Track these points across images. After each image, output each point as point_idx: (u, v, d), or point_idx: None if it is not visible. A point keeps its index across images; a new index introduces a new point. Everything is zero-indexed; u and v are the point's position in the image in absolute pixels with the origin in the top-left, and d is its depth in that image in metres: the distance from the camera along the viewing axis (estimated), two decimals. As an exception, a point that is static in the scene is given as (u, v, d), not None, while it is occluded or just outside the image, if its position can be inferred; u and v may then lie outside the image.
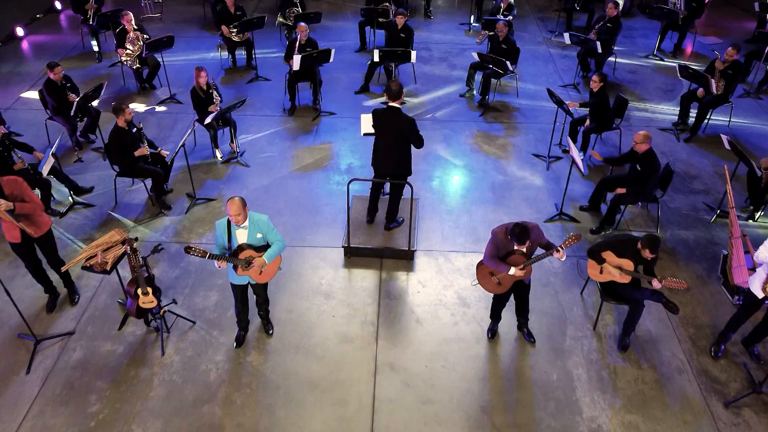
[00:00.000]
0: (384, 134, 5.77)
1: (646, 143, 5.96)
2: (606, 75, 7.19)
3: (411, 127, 5.66)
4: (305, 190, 7.13)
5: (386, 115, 5.67)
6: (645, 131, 6.01)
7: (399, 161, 5.81)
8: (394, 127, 5.66)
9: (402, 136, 5.70)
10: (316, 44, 8.51)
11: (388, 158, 5.82)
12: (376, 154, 5.90)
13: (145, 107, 8.72)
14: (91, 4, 9.64)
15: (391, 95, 5.57)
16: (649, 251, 4.75)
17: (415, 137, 5.71)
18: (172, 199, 6.97)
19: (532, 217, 6.72)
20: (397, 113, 5.61)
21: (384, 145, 5.79)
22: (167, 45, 8.42)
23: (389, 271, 6.04)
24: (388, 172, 5.91)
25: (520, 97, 9.00)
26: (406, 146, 5.77)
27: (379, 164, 5.92)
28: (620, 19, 9.04)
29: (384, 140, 5.79)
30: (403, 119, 5.64)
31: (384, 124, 5.73)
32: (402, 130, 5.66)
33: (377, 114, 5.75)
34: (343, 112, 8.59)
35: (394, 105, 5.60)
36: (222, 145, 7.74)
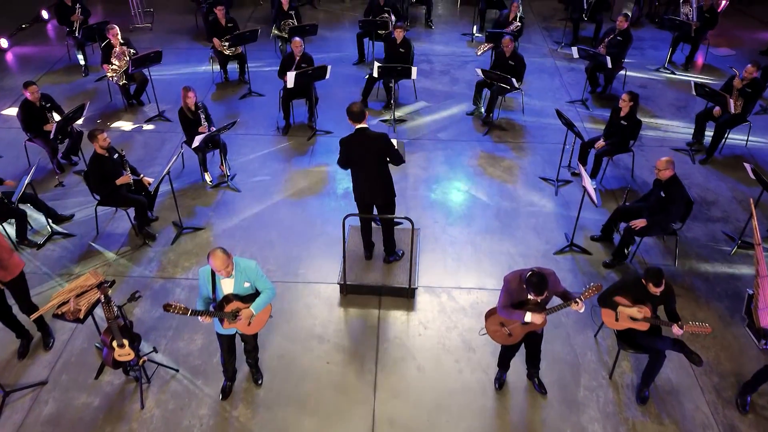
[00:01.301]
0: (361, 161, 5.35)
1: (670, 169, 5.56)
2: (637, 94, 6.79)
3: (386, 143, 5.26)
4: (299, 217, 6.71)
5: (357, 139, 5.26)
6: (667, 157, 5.60)
7: (384, 186, 5.43)
8: (369, 149, 5.26)
9: (380, 157, 5.30)
10: (311, 60, 8.08)
11: (371, 187, 5.43)
12: (357, 185, 5.50)
13: (132, 125, 8.30)
14: (77, 15, 9.22)
15: (354, 117, 5.19)
16: (653, 284, 4.37)
17: (393, 154, 5.29)
18: (157, 227, 6.56)
19: (540, 248, 6.31)
20: (366, 133, 5.24)
21: (364, 174, 5.40)
22: (155, 60, 8.00)
23: (388, 309, 5.63)
24: (374, 201, 5.53)
25: (526, 114, 8.58)
26: (385, 167, 5.38)
27: (363, 195, 5.53)
28: (631, 33, 8.61)
29: (362, 168, 5.38)
30: (376, 137, 5.26)
31: (358, 150, 5.30)
32: (378, 149, 5.26)
33: (347, 143, 5.33)
34: (339, 130, 8.16)
35: (361, 126, 5.20)
36: (212, 167, 7.32)
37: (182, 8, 11.64)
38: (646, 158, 7.66)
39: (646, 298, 4.54)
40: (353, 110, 5.17)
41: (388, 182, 5.44)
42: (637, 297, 4.57)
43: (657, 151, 7.83)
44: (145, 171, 7.31)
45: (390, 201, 5.52)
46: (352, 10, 11.93)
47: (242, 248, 6.27)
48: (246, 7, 11.94)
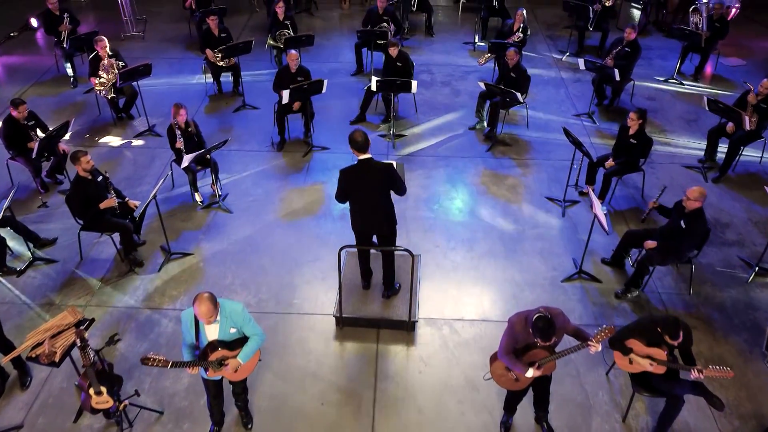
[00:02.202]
0: (362, 193, 4.96)
1: (700, 201, 5.23)
2: (645, 111, 6.46)
3: (391, 175, 4.87)
4: (294, 241, 6.39)
5: (360, 171, 4.86)
6: (700, 188, 5.25)
7: (386, 217, 5.06)
8: (372, 182, 4.88)
9: (383, 189, 4.94)
10: (308, 73, 7.76)
11: (372, 218, 5.05)
12: (356, 216, 5.11)
13: (121, 141, 7.98)
14: (65, 25, 8.90)
15: (358, 147, 4.77)
16: (670, 337, 4.07)
17: (398, 185, 4.91)
18: (144, 252, 6.24)
19: (547, 274, 5.99)
20: (370, 164, 4.83)
21: (364, 206, 5.02)
22: (144, 74, 7.68)
23: (387, 344, 5.30)
24: (376, 232, 5.17)
25: (530, 129, 8.25)
26: (388, 197, 5.02)
27: (363, 226, 5.15)
28: (639, 44, 8.28)
29: (363, 200, 5.00)
30: (381, 169, 4.85)
31: (359, 183, 4.90)
32: (382, 181, 4.89)
33: (348, 173, 4.91)
34: (336, 146, 7.85)
35: (365, 157, 4.82)
36: (203, 186, 7.00)
37: (176, 15, 11.32)
38: (657, 176, 7.34)
39: (661, 341, 4.23)
40: (357, 140, 4.76)
41: (391, 212, 5.08)
42: (652, 340, 4.25)
43: (668, 168, 7.51)
44: (133, 190, 7.04)
45: (392, 231, 5.17)
46: (350, 17, 11.60)
47: (233, 275, 5.96)
48: (242, 14, 11.62)
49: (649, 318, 4.44)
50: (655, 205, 5.62)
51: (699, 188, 5.27)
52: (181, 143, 6.56)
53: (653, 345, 4.26)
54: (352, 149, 4.83)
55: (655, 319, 4.28)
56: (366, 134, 4.83)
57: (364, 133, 4.82)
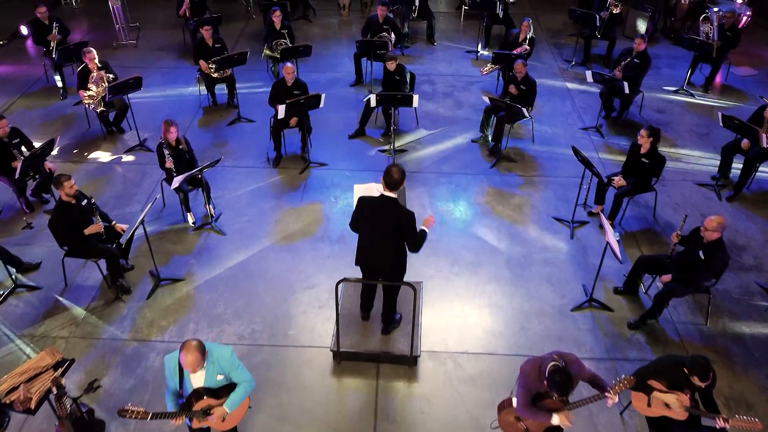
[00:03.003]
0: (374, 229, 4.63)
1: (719, 232, 4.92)
2: (658, 130, 6.16)
3: (409, 225, 4.52)
4: (289, 265, 6.09)
5: (379, 208, 4.52)
6: (720, 217, 4.94)
7: (394, 258, 4.71)
8: (388, 221, 4.53)
9: (398, 236, 4.59)
10: (304, 86, 7.46)
11: (380, 256, 4.70)
12: (364, 251, 4.76)
13: (111, 156, 7.68)
14: (53, 35, 8.59)
15: (391, 184, 4.40)
16: (699, 379, 3.79)
17: (412, 238, 4.55)
18: (133, 278, 5.94)
19: (556, 302, 5.69)
20: (393, 206, 4.48)
21: (374, 242, 4.68)
22: (134, 87, 7.37)
23: (388, 380, 5.00)
24: (380, 270, 4.82)
25: (536, 143, 7.95)
26: (401, 244, 4.66)
27: (369, 262, 4.79)
28: (649, 55, 7.98)
29: (374, 236, 4.66)
30: (401, 214, 4.51)
31: (375, 218, 4.57)
32: (398, 228, 4.54)
33: (366, 204, 4.60)
34: (335, 162, 7.55)
35: (390, 195, 4.48)
36: (196, 205, 6.70)
37: (170, 22, 11.01)
38: (669, 195, 7.05)
39: (685, 385, 3.94)
40: (394, 177, 4.37)
41: (401, 255, 4.73)
42: (675, 382, 3.97)
43: (680, 186, 7.20)
44: (122, 210, 6.75)
45: (399, 272, 4.82)
46: (349, 24, 11.29)
47: (225, 303, 5.66)
48: (238, 21, 11.30)
49: (672, 358, 4.14)
50: (678, 239, 5.31)
51: (718, 218, 4.97)
52: (171, 163, 6.26)
53: (675, 387, 3.97)
54: (383, 182, 4.45)
55: (680, 359, 3.99)
56: (404, 173, 4.46)
57: (403, 172, 4.44)
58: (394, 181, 4.40)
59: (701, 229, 5.07)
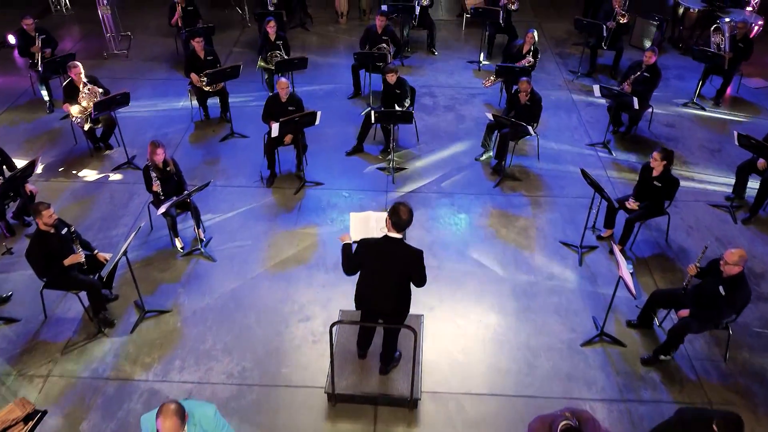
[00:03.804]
0: (378, 274, 4.30)
1: (740, 266, 4.61)
2: (671, 152, 5.85)
3: (418, 265, 4.20)
4: (283, 295, 5.77)
5: (384, 250, 4.17)
6: (741, 250, 4.64)
7: (399, 301, 4.40)
8: (395, 265, 4.21)
9: (404, 276, 4.28)
10: (299, 102, 7.14)
11: (383, 300, 4.38)
12: (365, 295, 4.44)
13: (98, 174, 7.35)
14: (37, 46, 8.24)
15: (399, 225, 4.05)
16: None
17: (420, 275, 4.27)
18: (117, 308, 5.62)
19: (564, 336, 5.37)
20: (399, 247, 4.15)
21: (378, 287, 4.35)
22: (122, 103, 7.04)
23: (386, 424, 4.68)
24: (382, 311, 4.49)
25: (542, 160, 7.62)
26: (407, 284, 4.36)
27: (369, 302, 4.47)
28: (659, 69, 7.66)
29: (377, 278, 4.33)
30: (408, 254, 4.17)
31: (380, 262, 4.23)
32: (405, 269, 4.23)
33: (368, 246, 4.25)
34: (331, 181, 7.23)
35: (396, 237, 4.13)
36: (185, 228, 6.39)
37: (163, 30, 10.66)
38: (681, 217, 6.72)
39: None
40: (402, 218, 4.00)
41: (405, 295, 4.41)
42: (697, 439, 3.65)
43: (692, 207, 6.88)
44: (108, 233, 6.44)
45: (403, 313, 4.50)
46: (347, 33, 10.96)
47: (214, 338, 5.33)
48: (232, 29, 10.97)
49: (694, 412, 3.83)
50: (696, 271, 4.98)
51: (739, 251, 4.65)
52: (158, 186, 5.94)
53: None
54: (389, 221, 4.08)
55: (704, 415, 3.67)
56: (411, 213, 4.10)
57: (411, 212, 4.09)
58: (403, 222, 4.05)
59: (721, 262, 4.76)
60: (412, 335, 4.83)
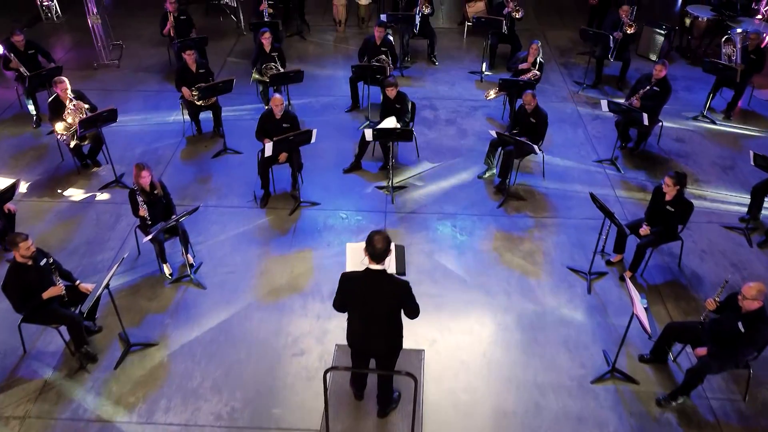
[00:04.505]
0: (364, 310, 4.00)
1: (760, 300, 4.33)
2: (684, 176, 5.55)
3: (406, 295, 3.89)
4: (275, 327, 5.46)
5: (368, 285, 3.86)
6: (760, 284, 4.37)
7: (390, 338, 4.10)
8: (379, 299, 3.91)
9: (392, 310, 3.98)
10: (294, 119, 6.85)
11: (373, 338, 4.09)
12: (354, 332, 4.14)
13: (84, 194, 7.05)
14: (15, 62, 7.88)
15: (376, 255, 3.73)
16: None
17: (411, 308, 3.96)
18: (101, 341, 5.31)
19: (574, 373, 5.07)
20: (382, 280, 3.83)
21: (366, 324, 4.05)
22: (108, 120, 6.74)
23: (384, 472, 4.39)
24: (374, 350, 4.21)
25: (547, 178, 7.32)
26: (396, 318, 4.06)
27: (360, 344, 4.18)
28: (670, 83, 7.36)
29: (365, 317, 4.03)
30: (394, 287, 3.87)
31: (363, 297, 3.93)
32: (392, 301, 3.92)
33: (351, 282, 3.94)
34: (328, 201, 6.93)
35: (377, 269, 3.82)
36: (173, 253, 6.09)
37: (156, 39, 10.34)
38: (694, 240, 6.42)
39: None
40: (377, 247, 3.68)
41: (397, 335, 4.12)
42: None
43: (705, 229, 6.58)
44: (93, 258, 6.14)
45: (394, 353, 4.21)
46: (346, 41, 10.65)
47: (202, 374, 5.03)
48: (228, 38, 10.67)
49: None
50: (714, 306, 4.69)
51: (758, 285, 4.37)
52: (145, 210, 5.64)
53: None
54: (366, 254, 3.78)
55: None
56: (389, 241, 3.77)
57: (387, 240, 3.75)
58: (379, 252, 3.73)
59: (739, 297, 4.47)
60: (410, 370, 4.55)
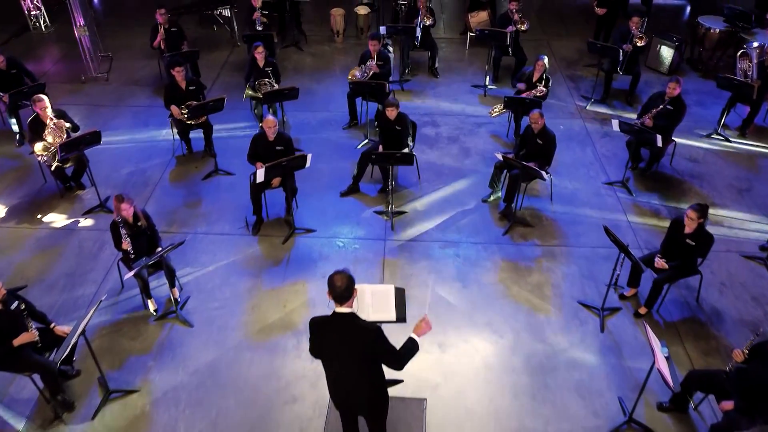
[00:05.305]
0: (336, 360, 3.62)
1: None
2: (707, 207, 5.19)
3: (378, 343, 3.47)
4: (266, 370, 5.09)
5: (335, 330, 3.50)
6: None
7: (370, 389, 3.70)
8: (350, 347, 3.51)
9: (365, 359, 3.57)
10: (289, 141, 6.48)
11: (352, 390, 3.69)
12: (332, 385, 3.74)
13: (66, 219, 6.68)
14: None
15: (339, 297, 3.38)
16: None
17: (390, 356, 3.52)
18: (78, 386, 4.95)
19: (588, 423, 4.70)
20: (350, 324, 3.45)
21: (341, 374, 3.65)
22: (91, 143, 6.38)
23: None
24: (353, 406, 3.84)
25: (555, 202, 6.95)
26: (375, 370, 3.66)
27: (340, 398, 3.80)
28: (684, 101, 6.99)
29: (339, 366, 3.64)
30: (362, 333, 3.46)
31: (332, 345, 3.55)
32: (364, 350, 3.51)
33: (319, 328, 3.57)
34: (323, 227, 6.56)
35: (344, 311, 3.44)
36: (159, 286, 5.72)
37: (146, 51, 9.88)
38: (712, 270, 6.05)
39: None
40: (337, 285, 3.35)
41: (377, 390, 3.74)
42: None
43: (723, 259, 6.21)
44: (73, 292, 5.81)
45: (380, 403, 3.83)
46: (344, 52, 10.27)
47: (187, 425, 4.67)
48: (222, 49, 10.29)
49: None
50: (742, 358, 4.32)
51: None
52: (128, 243, 5.28)
53: None
54: (329, 295, 3.43)
55: None
56: (350, 279, 3.41)
57: (348, 278, 3.40)
58: (340, 291, 3.36)
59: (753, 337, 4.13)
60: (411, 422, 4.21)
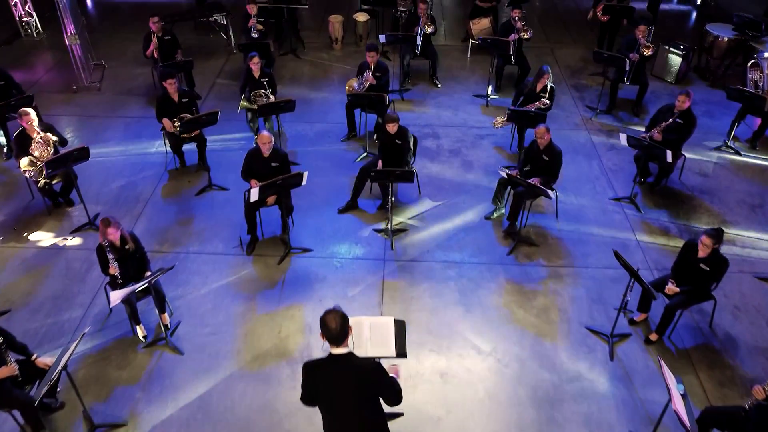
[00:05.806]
0: (334, 403, 3.40)
1: None
2: (722, 232, 4.95)
3: (379, 379, 3.33)
4: (261, 401, 4.85)
5: (333, 373, 3.31)
6: None
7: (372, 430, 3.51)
8: (349, 389, 3.32)
9: (367, 400, 3.39)
10: (284, 157, 6.25)
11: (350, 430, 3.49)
12: (329, 427, 3.50)
13: (54, 238, 6.43)
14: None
15: (333, 338, 3.21)
16: None
17: (390, 393, 3.39)
18: (62, 421, 4.70)
19: (598, 461, 4.46)
20: (349, 365, 3.27)
21: (338, 416, 3.43)
22: (79, 159, 6.14)
23: None
24: None
25: (561, 219, 6.71)
26: (375, 409, 3.46)
27: None
28: (694, 115, 6.75)
29: (336, 412, 3.42)
30: (363, 370, 3.30)
31: (330, 388, 3.34)
32: (365, 390, 3.34)
33: (315, 372, 3.38)
34: (321, 247, 6.32)
35: (341, 353, 3.26)
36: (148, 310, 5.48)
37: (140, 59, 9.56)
38: (725, 293, 5.81)
39: None
40: (329, 326, 3.19)
41: (379, 424, 3.52)
42: None
43: (737, 281, 5.97)
44: (59, 317, 5.57)
45: None
46: (342, 60, 10.03)
47: (175, 463, 4.44)
48: (217, 57, 10.05)
49: None
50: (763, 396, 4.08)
51: None
52: (116, 268, 5.04)
53: None
54: (323, 337, 3.26)
55: None
56: (344, 318, 3.23)
57: (342, 317, 3.22)
58: (335, 333, 3.20)
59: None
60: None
